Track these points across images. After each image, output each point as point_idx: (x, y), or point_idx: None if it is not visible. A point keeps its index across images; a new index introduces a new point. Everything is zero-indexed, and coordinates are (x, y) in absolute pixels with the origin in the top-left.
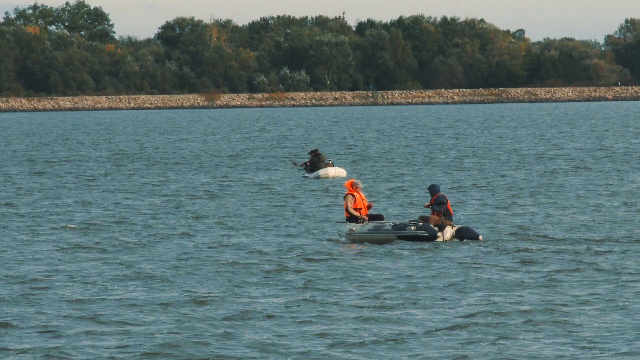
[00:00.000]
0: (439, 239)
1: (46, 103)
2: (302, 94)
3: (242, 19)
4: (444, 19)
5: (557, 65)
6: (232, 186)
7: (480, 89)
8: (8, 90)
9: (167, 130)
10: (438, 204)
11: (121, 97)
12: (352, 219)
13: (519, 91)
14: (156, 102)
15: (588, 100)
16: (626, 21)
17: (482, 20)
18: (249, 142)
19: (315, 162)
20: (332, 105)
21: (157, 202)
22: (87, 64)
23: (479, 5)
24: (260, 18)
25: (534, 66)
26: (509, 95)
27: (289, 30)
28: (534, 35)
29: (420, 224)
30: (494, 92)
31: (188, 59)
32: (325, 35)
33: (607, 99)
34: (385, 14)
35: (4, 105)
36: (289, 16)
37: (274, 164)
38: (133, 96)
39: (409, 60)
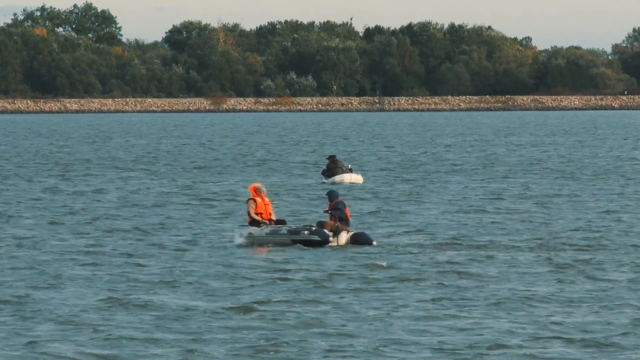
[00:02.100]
0: (332, 244)
1: (52, 105)
2: (309, 99)
3: (249, 24)
4: (452, 26)
5: (564, 73)
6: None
7: (487, 96)
8: (15, 91)
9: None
10: (335, 209)
11: (127, 100)
12: (253, 222)
13: (525, 99)
14: (162, 105)
15: (594, 109)
16: (634, 30)
17: (489, 27)
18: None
19: (332, 167)
20: (338, 111)
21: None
22: (94, 66)
23: (486, 13)
24: (268, 22)
25: (541, 74)
26: (516, 103)
27: (296, 35)
28: (541, 43)
29: (313, 228)
30: (501, 99)
31: (195, 63)
32: (333, 40)
33: (613, 108)
34: (392, 20)
35: (10, 107)
36: (297, 21)
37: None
38: (139, 99)
39: (416, 67)
